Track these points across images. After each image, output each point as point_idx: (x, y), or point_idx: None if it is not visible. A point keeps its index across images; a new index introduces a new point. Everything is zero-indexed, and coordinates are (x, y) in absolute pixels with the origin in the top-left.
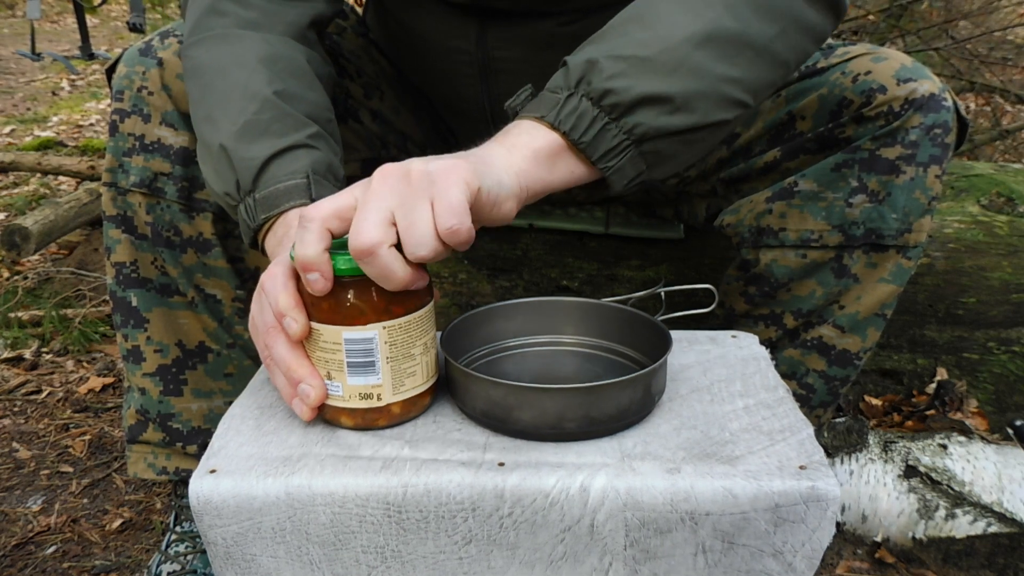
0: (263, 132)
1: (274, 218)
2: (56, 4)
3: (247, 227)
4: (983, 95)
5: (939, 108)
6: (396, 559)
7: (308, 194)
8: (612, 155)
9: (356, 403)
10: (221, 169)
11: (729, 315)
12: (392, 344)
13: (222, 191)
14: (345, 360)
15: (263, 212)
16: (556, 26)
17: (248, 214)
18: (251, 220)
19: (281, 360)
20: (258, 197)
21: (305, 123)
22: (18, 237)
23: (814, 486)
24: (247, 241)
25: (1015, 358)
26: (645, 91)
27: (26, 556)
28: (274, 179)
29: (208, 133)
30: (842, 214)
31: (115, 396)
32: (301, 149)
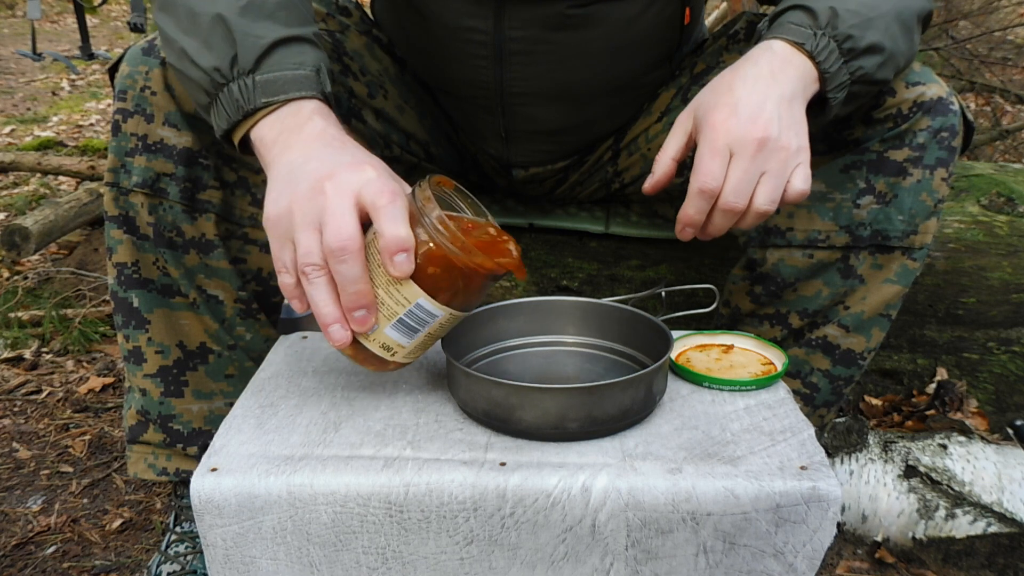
0: (269, 16)
1: (277, 106)
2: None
3: (236, 109)
4: (983, 95)
5: (946, 112)
6: (397, 560)
7: (319, 88)
8: (839, 88)
9: (373, 348)
10: (214, 42)
11: (735, 314)
12: (442, 326)
13: (210, 66)
14: (400, 316)
15: (264, 96)
16: (570, 7)
17: (244, 95)
18: (245, 102)
19: (352, 282)
20: (259, 80)
21: (310, 20)
22: (18, 237)
23: (815, 486)
24: (224, 127)
25: (1015, 358)
26: (872, 40)
27: (26, 556)
28: (279, 65)
29: (200, 2)
30: (849, 215)
31: (115, 396)
32: (307, 44)
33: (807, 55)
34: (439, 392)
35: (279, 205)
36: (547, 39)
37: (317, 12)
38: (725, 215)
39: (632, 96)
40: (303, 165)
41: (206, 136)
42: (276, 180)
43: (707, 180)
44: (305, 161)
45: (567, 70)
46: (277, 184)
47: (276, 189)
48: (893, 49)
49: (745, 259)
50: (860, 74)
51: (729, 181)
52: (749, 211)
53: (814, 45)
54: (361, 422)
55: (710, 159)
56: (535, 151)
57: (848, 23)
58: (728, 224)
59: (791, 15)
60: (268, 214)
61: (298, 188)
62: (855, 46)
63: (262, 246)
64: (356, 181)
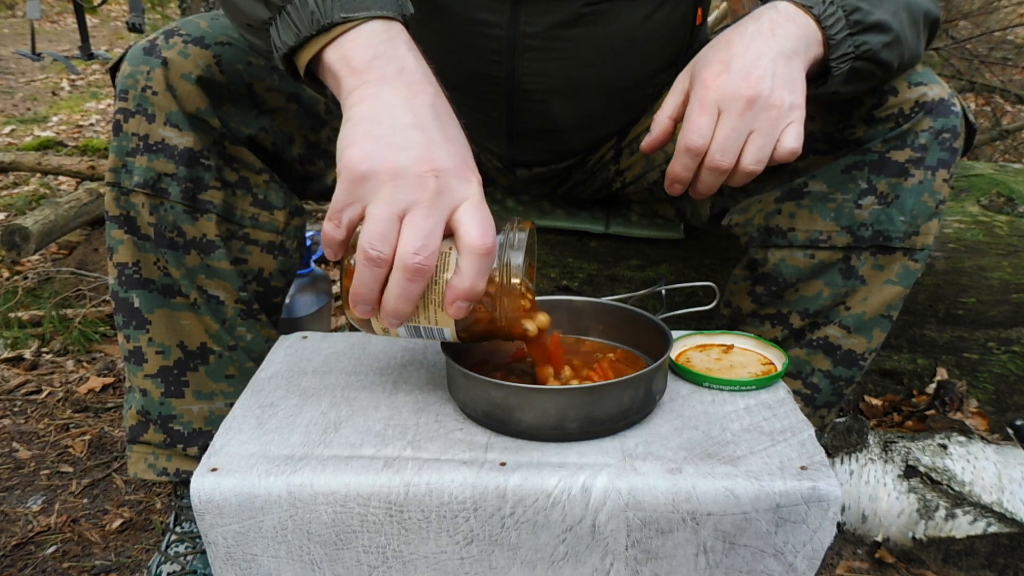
0: None
1: (356, 23)
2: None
3: (310, 22)
4: (983, 95)
5: (948, 113)
6: (397, 559)
7: (399, 9)
8: (843, 59)
9: (375, 326)
10: None
11: (735, 314)
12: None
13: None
14: (419, 327)
15: (343, 11)
16: (585, 4)
17: (320, 6)
18: (322, 15)
19: (404, 300)
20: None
21: None
22: (18, 237)
23: (815, 486)
24: (292, 43)
25: (1015, 358)
26: (880, 18)
27: (26, 556)
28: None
29: None
30: (851, 215)
31: (115, 396)
32: None
33: (813, 18)
34: (439, 392)
35: (370, 158)
36: (561, 35)
37: None
38: (712, 173)
39: (639, 96)
40: (407, 129)
41: (207, 136)
42: (370, 123)
43: (693, 137)
44: (410, 125)
45: (579, 67)
46: (371, 129)
47: (368, 135)
48: (900, 33)
49: (746, 259)
50: (865, 49)
51: (716, 139)
52: (737, 170)
53: (822, 10)
54: (361, 422)
55: (698, 116)
56: (540, 150)
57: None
58: (716, 182)
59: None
60: (351, 161)
61: (397, 158)
62: (863, 19)
63: (263, 247)
64: (460, 197)
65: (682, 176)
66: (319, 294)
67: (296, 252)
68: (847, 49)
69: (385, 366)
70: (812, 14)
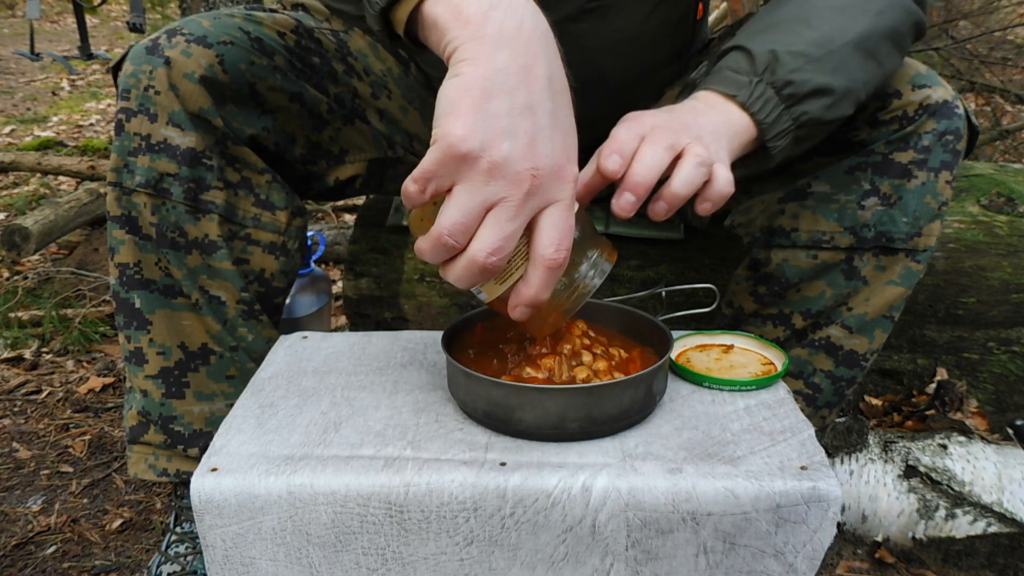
0: None
1: None
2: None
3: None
4: (983, 95)
5: (951, 115)
6: (397, 561)
7: None
8: (780, 136)
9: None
10: None
11: (737, 314)
12: None
13: None
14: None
15: None
16: (589, 0)
17: None
18: None
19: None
20: None
21: None
22: (18, 237)
23: (815, 487)
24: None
25: (1015, 358)
26: (818, 84)
27: (26, 556)
28: None
29: None
30: (854, 216)
31: (115, 396)
32: None
33: (739, 105)
34: (439, 392)
35: (473, 139)
36: (566, 30)
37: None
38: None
39: (641, 93)
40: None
41: (210, 136)
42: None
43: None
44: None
45: (583, 62)
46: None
47: (477, 109)
48: (848, 86)
49: (749, 259)
50: (806, 119)
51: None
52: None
53: (748, 95)
54: (361, 422)
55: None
56: None
57: (789, 67)
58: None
59: (730, 59)
60: (453, 135)
61: (501, 147)
62: (797, 91)
63: (265, 247)
64: (550, 199)
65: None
66: (319, 294)
67: (298, 253)
68: (785, 125)
69: (385, 366)
70: (738, 102)
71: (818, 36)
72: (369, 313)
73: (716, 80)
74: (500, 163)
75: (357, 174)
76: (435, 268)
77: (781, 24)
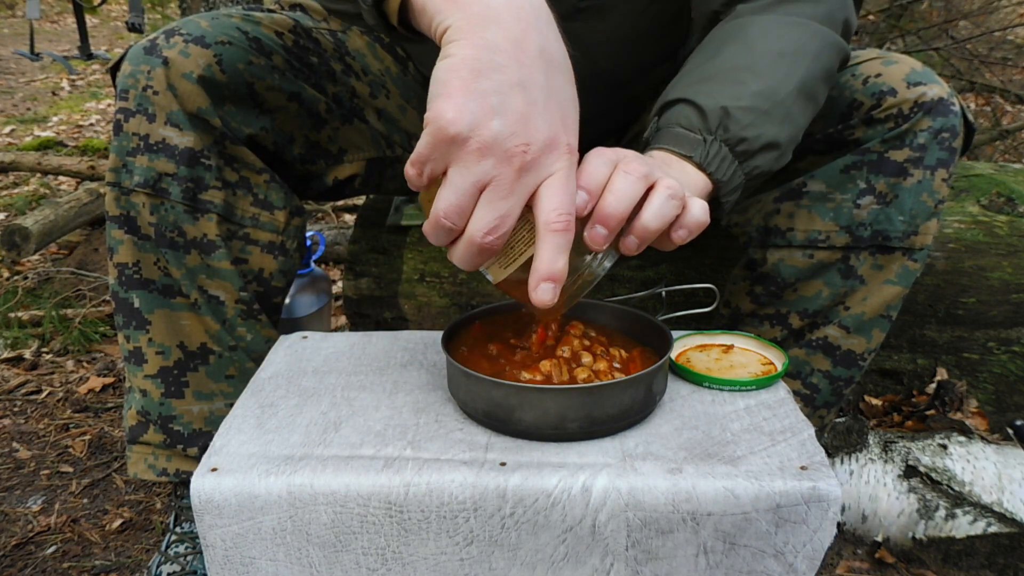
0: None
1: None
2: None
3: None
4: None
5: (947, 112)
6: (397, 561)
7: None
8: (734, 191)
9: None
10: None
11: (735, 314)
12: None
13: None
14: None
15: None
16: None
17: None
18: None
19: (467, 261)
20: None
21: None
22: (18, 237)
23: (815, 486)
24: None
25: (1015, 358)
26: (768, 139)
27: (26, 556)
28: None
29: None
30: (850, 215)
31: (115, 396)
32: None
33: (696, 167)
34: (439, 392)
35: (463, 120)
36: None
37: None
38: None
39: (637, 91)
40: (509, 89)
41: (208, 136)
42: (467, 70)
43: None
44: (513, 83)
45: (578, 61)
46: (468, 78)
47: (466, 89)
48: (793, 134)
49: (745, 259)
50: (757, 172)
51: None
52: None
53: (703, 154)
54: (361, 422)
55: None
56: None
57: (742, 123)
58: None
59: (679, 113)
60: (443, 117)
61: (490, 126)
62: (749, 148)
63: (263, 247)
64: (546, 171)
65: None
66: (319, 294)
67: (296, 252)
68: (738, 180)
69: (385, 366)
70: (692, 162)
71: (764, 87)
72: (369, 313)
73: (669, 138)
74: (490, 142)
75: (356, 173)
76: (435, 268)
77: (726, 73)
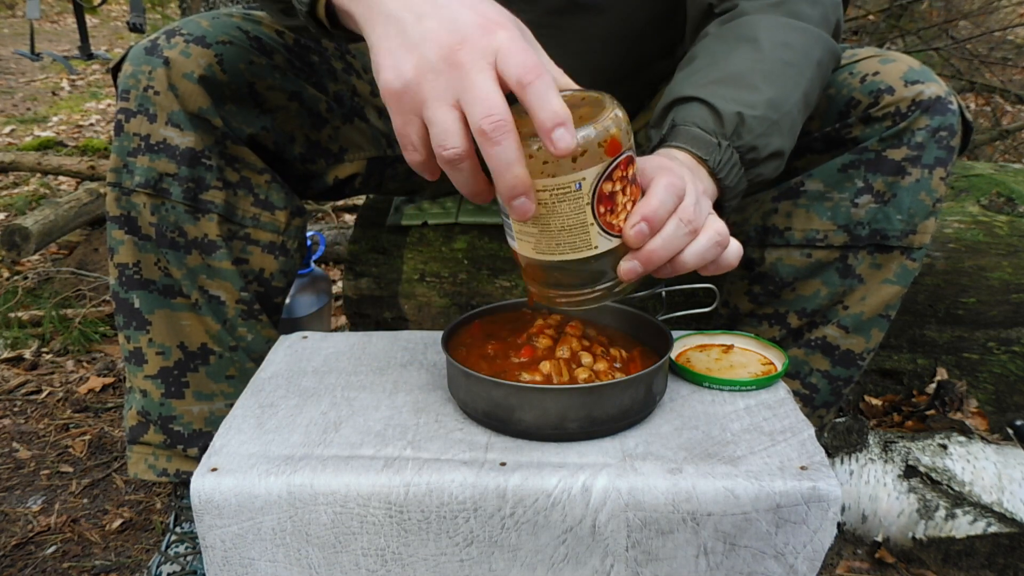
0: None
1: None
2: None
3: None
4: (983, 95)
5: (945, 111)
6: (396, 561)
7: None
8: (735, 197)
9: None
10: None
11: (733, 314)
12: None
13: None
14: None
15: None
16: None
17: None
18: None
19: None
20: None
21: None
22: (18, 237)
23: (815, 487)
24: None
25: (1015, 358)
26: (775, 148)
27: (26, 556)
28: None
29: None
30: (848, 214)
31: (115, 396)
32: None
33: (708, 171)
34: (439, 392)
35: (401, 74)
36: (555, 23)
37: None
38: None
39: (636, 87)
40: (418, 22)
41: (209, 136)
42: (385, 39)
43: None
44: (418, 16)
45: (574, 56)
46: (390, 45)
47: (391, 54)
48: (792, 143)
49: (744, 259)
50: (759, 180)
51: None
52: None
53: (717, 160)
54: (361, 422)
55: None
56: None
57: (755, 132)
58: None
59: (694, 112)
60: (388, 85)
61: (424, 55)
62: (757, 157)
63: (264, 247)
64: (492, 47)
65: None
66: (319, 294)
67: (297, 252)
68: (742, 187)
69: (385, 366)
70: (708, 166)
71: (774, 96)
72: (369, 313)
73: (687, 138)
74: (426, 68)
75: (356, 173)
76: (435, 268)
77: (740, 77)
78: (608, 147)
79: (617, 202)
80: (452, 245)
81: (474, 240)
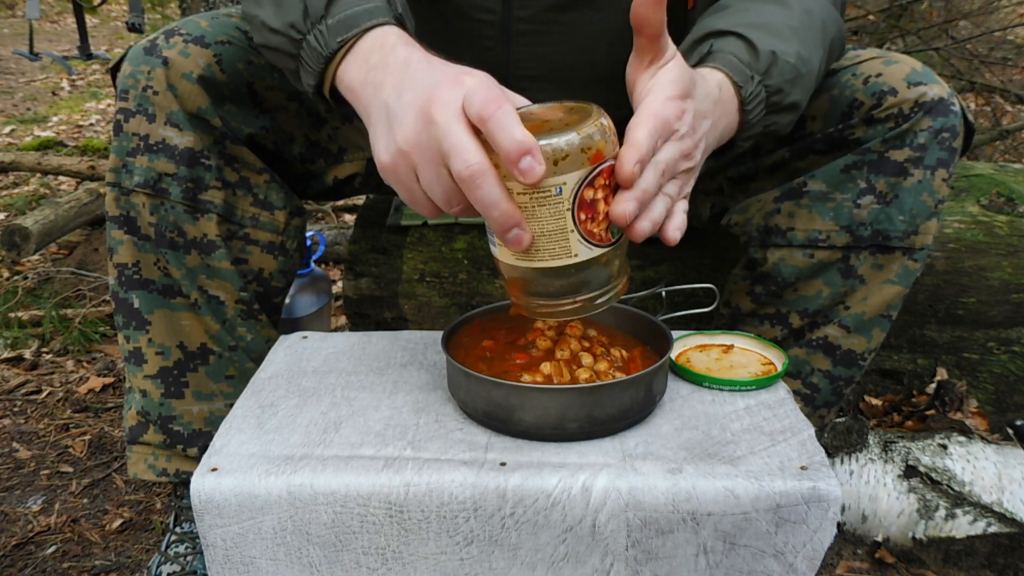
0: None
1: (353, 40)
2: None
3: (317, 58)
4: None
5: (947, 112)
6: (397, 560)
7: (391, 13)
8: (749, 140)
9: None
10: (284, 1)
11: (735, 314)
12: None
13: (285, 23)
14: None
15: (338, 35)
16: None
17: (320, 41)
18: (323, 47)
19: (494, 206)
20: (331, 23)
21: None
22: (18, 237)
23: (815, 487)
24: (312, 82)
25: (1015, 358)
26: (795, 99)
27: (26, 556)
28: (348, 3)
29: None
30: (850, 215)
31: (115, 396)
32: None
33: (740, 101)
34: (439, 392)
35: (390, 151)
36: (555, 18)
37: None
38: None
39: None
40: (399, 99)
41: (208, 136)
42: (378, 124)
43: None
44: (399, 95)
45: (574, 52)
46: (380, 128)
47: (382, 135)
48: (803, 108)
49: (746, 258)
50: (772, 129)
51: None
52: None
53: (749, 91)
54: (361, 422)
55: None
56: None
57: (784, 76)
58: None
59: (732, 44)
60: (383, 163)
61: (404, 126)
62: (780, 101)
63: (263, 246)
64: (458, 97)
65: None
66: (319, 294)
67: (296, 252)
68: (758, 129)
69: (385, 366)
70: (740, 96)
71: (802, 51)
72: (369, 313)
73: (724, 61)
74: (412, 136)
75: (356, 173)
76: (435, 268)
77: (772, 26)
78: (591, 154)
79: (598, 210)
80: (452, 245)
81: (474, 240)
